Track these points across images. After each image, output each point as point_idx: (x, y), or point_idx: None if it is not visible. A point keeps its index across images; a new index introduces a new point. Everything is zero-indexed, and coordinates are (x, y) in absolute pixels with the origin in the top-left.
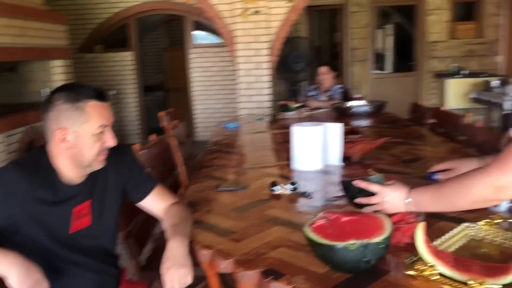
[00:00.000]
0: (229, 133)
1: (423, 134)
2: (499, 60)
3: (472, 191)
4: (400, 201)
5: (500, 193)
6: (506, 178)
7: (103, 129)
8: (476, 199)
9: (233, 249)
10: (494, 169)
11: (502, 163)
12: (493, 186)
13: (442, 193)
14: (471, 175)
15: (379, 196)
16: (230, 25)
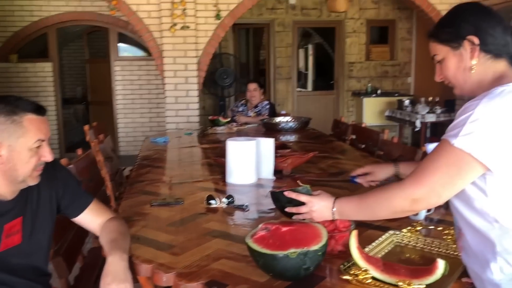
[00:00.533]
0: (158, 147)
1: (345, 149)
2: (410, 81)
3: (391, 203)
4: (327, 210)
5: (416, 205)
6: (421, 191)
7: (40, 143)
8: (395, 210)
9: (174, 262)
10: (410, 183)
11: (417, 177)
12: (409, 199)
13: (365, 204)
14: (391, 188)
15: (307, 206)
16: (158, 39)
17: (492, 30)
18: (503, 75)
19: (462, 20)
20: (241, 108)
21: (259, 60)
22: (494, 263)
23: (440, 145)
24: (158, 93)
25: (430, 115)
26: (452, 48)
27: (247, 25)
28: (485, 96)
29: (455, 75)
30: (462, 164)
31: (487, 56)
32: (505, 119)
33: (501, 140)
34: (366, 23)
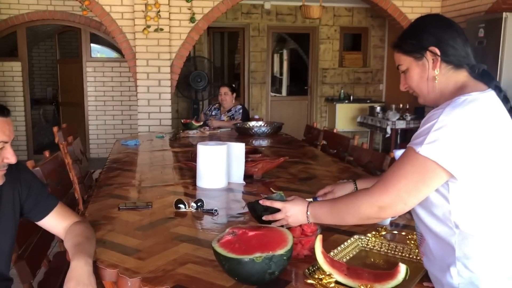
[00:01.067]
0: (128, 150)
1: (316, 154)
2: (382, 88)
3: (359, 210)
4: (301, 214)
5: (382, 212)
6: (387, 199)
7: (3, 145)
8: (363, 217)
9: (139, 267)
10: (377, 190)
11: (383, 185)
12: (376, 206)
13: (335, 210)
14: (359, 195)
15: (283, 212)
16: (131, 40)
17: (453, 42)
18: (465, 85)
19: (425, 31)
20: (214, 112)
21: (234, 64)
22: (453, 268)
23: (405, 153)
24: (130, 95)
25: (400, 122)
26: (415, 58)
27: (222, 29)
28: (448, 105)
29: (418, 85)
30: (427, 171)
31: (448, 67)
32: (467, 127)
33: (465, 147)
34: (340, 30)
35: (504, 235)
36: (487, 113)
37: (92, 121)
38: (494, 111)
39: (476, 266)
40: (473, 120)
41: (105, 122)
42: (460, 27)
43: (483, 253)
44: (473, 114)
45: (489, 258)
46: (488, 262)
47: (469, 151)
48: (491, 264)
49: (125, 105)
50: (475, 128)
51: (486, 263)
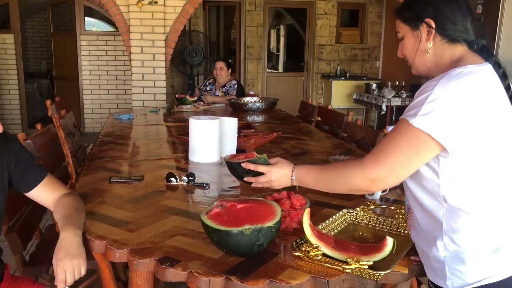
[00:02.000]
0: (122, 124)
1: (310, 130)
2: (378, 65)
3: (349, 181)
4: (285, 178)
5: (374, 184)
6: (379, 171)
7: None
8: (353, 188)
9: (128, 238)
10: (370, 163)
11: (376, 158)
12: (368, 179)
13: (324, 177)
14: (351, 167)
15: (266, 176)
16: (125, 13)
17: (452, 15)
18: (461, 58)
19: (425, 2)
20: (209, 87)
21: (230, 39)
22: (440, 241)
23: (398, 124)
24: (125, 70)
25: (395, 99)
26: (411, 28)
27: (218, 3)
28: (443, 77)
29: (411, 55)
30: (420, 143)
31: (443, 40)
32: (462, 99)
33: (458, 120)
34: (337, 6)
35: (491, 210)
36: (482, 87)
37: (87, 95)
38: (489, 85)
39: (462, 240)
40: (467, 93)
41: (99, 97)
42: (466, 1)
43: (469, 227)
44: (468, 87)
45: (475, 233)
46: (474, 236)
47: (462, 125)
48: (477, 238)
49: (120, 79)
50: (470, 101)
51: (472, 237)
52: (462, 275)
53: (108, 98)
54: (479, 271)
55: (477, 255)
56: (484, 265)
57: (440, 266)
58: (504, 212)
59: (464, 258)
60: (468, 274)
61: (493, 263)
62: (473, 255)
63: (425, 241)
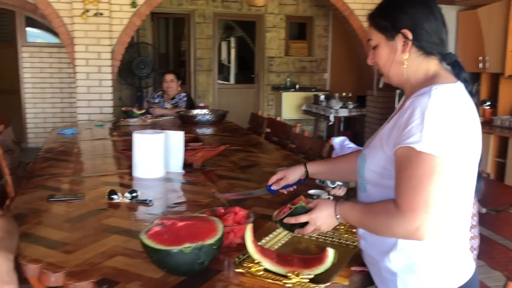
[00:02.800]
0: (65, 140)
1: (259, 142)
2: (326, 77)
3: (392, 232)
4: (332, 219)
5: (421, 232)
6: (419, 218)
7: None
8: (398, 236)
9: (65, 261)
10: (408, 212)
11: (409, 204)
12: (413, 229)
13: (366, 221)
14: (391, 216)
15: (311, 224)
16: (68, 25)
17: (429, 27)
18: (436, 75)
19: (402, 11)
20: (157, 100)
21: (180, 51)
22: (393, 253)
23: (407, 156)
24: (71, 82)
25: (343, 110)
26: (386, 38)
27: (166, 15)
28: (428, 95)
29: (385, 65)
30: (438, 167)
31: (418, 52)
32: (454, 116)
33: (455, 136)
34: (286, 19)
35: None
36: (464, 106)
37: (30, 109)
38: (467, 104)
39: (416, 252)
40: (456, 110)
41: (43, 110)
42: (440, 11)
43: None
44: (456, 105)
45: (428, 245)
46: (427, 248)
47: (457, 141)
48: (430, 251)
49: (65, 92)
50: (459, 118)
51: (425, 249)
52: (412, 286)
53: (53, 111)
54: (428, 283)
55: (429, 267)
56: (435, 277)
57: (391, 277)
58: (457, 227)
59: (417, 269)
60: (418, 285)
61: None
62: (425, 267)
63: (377, 251)
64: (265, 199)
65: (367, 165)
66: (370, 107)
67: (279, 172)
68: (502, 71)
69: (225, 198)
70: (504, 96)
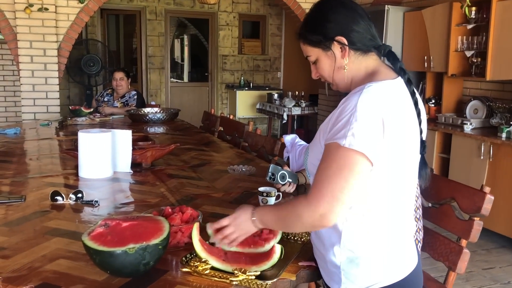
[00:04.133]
0: (7, 139)
1: (212, 141)
2: (280, 75)
3: (301, 220)
4: (248, 223)
5: (325, 219)
6: (324, 204)
7: None
8: (307, 226)
9: (1, 266)
10: (313, 198)
11: (317, 191)
12: (316, 215)
13: (279, 217)
14: (298, 206)
15: (230, 227)
16: (11, 20)
17: (357, 26)
18: (376, 71)
19: (327, 20)
20: (107, 98)
21: (132, 48)
22: (337, 247)
23: (329, 150)
24: (15, 80)
25: (296, 108)
26: (323, 49)
27: (117, 11)
28: (360, 91)
29: (330, 75)
30: (354, 163)
31: (357, 53)
32: (383, 114)
33: (381, 134)
34: (239, 17)
35: (385, 217)
36: (397, 102)
37: None
38: (402, 100)
39: (357, 245)
40: (387, 107)
41: None
42: (361, 7)
43: (364, 233)
44: (387, 102)
45: (369, 239)
46: (368, 242)
47: (383, 139)
48: (372, 244)
49: (9, 90)
50: (388, 115)
51: (366, 243)
52: (356, 279)
53: None
54: (370, 276)
55: (371, 260)
56: (375, 270)
57: (336, 270)
58: (396, 220)
59: (359, 262)
60: (361, 278)
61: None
62: (366, 260)
63: (323, 246)
64: (215, 198)
65: (309, 159)
66: (322, 106)
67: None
68: (445, 70)
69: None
70: (447, 94)
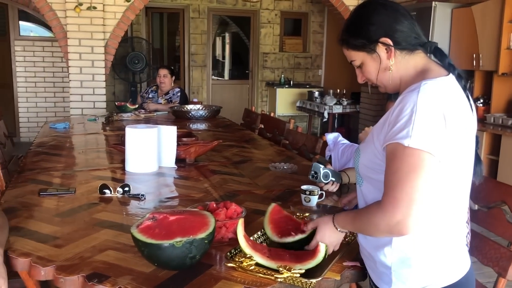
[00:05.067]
0: (57, 134)
1: (253, 138)
2: (321, 73)
3: (379, 229)
4: (335, 234)
5: (402, 226)
6: (400, 211)
7: None
8: (386, 234)
9: (55, 255)
10: (387, 206)
11: (391, 198)
12: (393, 223)
13: (358, 225)
14: (374, 214)
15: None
16: (62, 18)
17: (401, 26)
18: (426, 69)
19: (369, 23)
20: (151, 95)
21: (174, 46)
22: (388, 247)
23: (394, 151)
24: (64, 77)
25: (337, 107)
26: (368, 53)
27: (161, 9)
28: (417, 89)
29: (377, 77)
30: (423, 162)
31: (403, 53)
32: (444, 109)
33: (443, 130)
34: (280, 15)
35: (441, 218)
36: (454, 98)
37: (22, 103)
38: (458, 96)
39: (410, 246)
40: (447, 103)
41: (36, 105)
42: (405, 8)
43: (418, 234)
44: (445, 99)
45: (423, 240)
46: (422, 243)
47: (446, 137)
48: (425, 245)
49: (58, 86)
50: (449, 111)
51: (419, 244)
52: (407, 280)
53: (46, 106)
54: (422, 277)
55: (424, 261)
56: (428, 271)
57: (386, 271)
58: (450, 220)
59: (411, 263)
60: (412, 279)
61: (437, 270)
62: (418, 260)
63: (372, 245)
64: (258, 194)
65: (361, 160)
66: (365, 104)
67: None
68: (495, 68)
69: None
70: (497, 94)
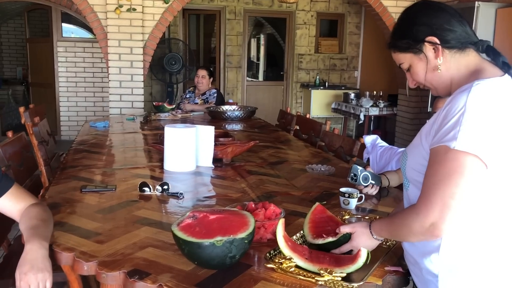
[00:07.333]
0: (97, 132)
1: (288, 139)
2: (357, 75)
3: (412, 232)
4: (371, 241)
5: (435, 229)
6: (433, 214)
7: None
8: (420, 238)
9: (97, 250)
10: (421, 208)
11: (426, 200)
12: (427, 225)
13: (392, 230)
14: (407, 216)
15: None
16: (102, 20)
17: (449, 25)
18: (479, 69)
19: (415, 23)
20: (188, 95)
21: (210, 47)
22: (435, 254)
23: (436, 154)
24: (103, 77)
25: (373, 109)
26: (415, 54)
27: (197, 11)
28: (468, 90)
29: (427, 79)
30: (466, 166)
31: (452, 51)
32: (496, 112)
33: (494, 136)
34: (317, 16)
35: (491, 227)
36: (509, 100)
37: (63, 102)
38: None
39: (459, 255)
40: (498, 106)
41: (76, 104)
42: (453, 7)
43: (468, 242)
44: (498, 101)
45: (472, 249)
46: (471, 253)
47: (498, 141)
48: (474, 254)
49: (98, 86)
50: (500, 115)
51: (468, 253)
52: None
53: (85, 105)
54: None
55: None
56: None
57: (432, 279)
58: (502, 229)
59: (458, 273)
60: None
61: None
62: (467, 270)
63: (419, 252)
64: (295, 196)
65: (408, 163)
66: (402, 106)
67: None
68: None
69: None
70: None
